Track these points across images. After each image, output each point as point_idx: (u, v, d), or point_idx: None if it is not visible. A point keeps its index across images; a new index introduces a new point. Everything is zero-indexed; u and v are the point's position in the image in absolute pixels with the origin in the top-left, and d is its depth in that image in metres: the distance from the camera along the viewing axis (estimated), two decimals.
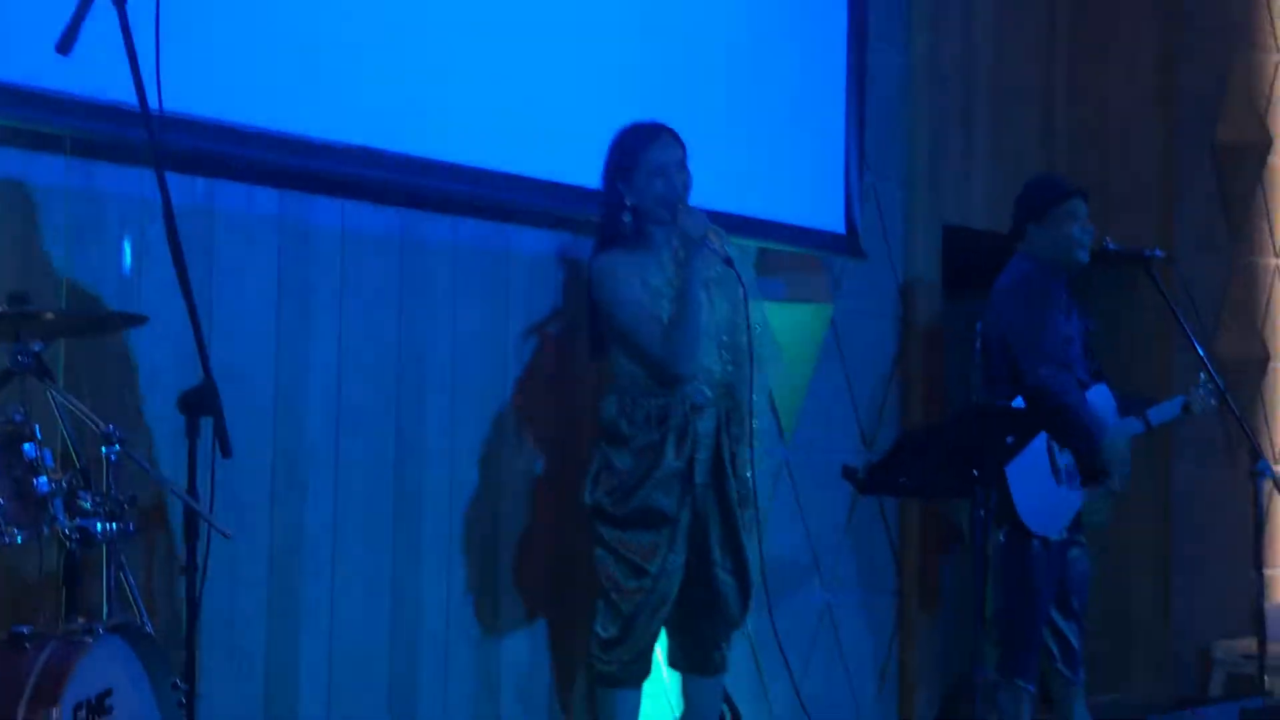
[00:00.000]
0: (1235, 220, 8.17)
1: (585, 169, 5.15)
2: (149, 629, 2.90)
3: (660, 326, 4.54)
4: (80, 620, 2.81)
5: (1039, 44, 7.25)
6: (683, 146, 4.68)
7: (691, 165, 4.77)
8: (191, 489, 3.35)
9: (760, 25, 5.87)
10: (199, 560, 3.37)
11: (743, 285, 4.53)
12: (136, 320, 3.55)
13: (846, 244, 6.08)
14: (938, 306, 6.65)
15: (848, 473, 4.42)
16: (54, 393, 3.10)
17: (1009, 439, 4.31)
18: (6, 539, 2.92)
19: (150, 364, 4.30)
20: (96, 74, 3.99)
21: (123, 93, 4.01)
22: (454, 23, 4.89)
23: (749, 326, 4.49)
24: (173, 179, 4.23)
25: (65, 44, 3.28)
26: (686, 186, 4.64)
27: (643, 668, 4.64)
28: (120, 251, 4.29)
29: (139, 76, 3.26)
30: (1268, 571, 7.20)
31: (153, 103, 3.31)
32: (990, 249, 6.54)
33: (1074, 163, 7.20)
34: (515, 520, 5.14)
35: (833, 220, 6.03)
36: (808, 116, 5.99)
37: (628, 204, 4.63)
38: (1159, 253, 5.41)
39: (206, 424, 3.43)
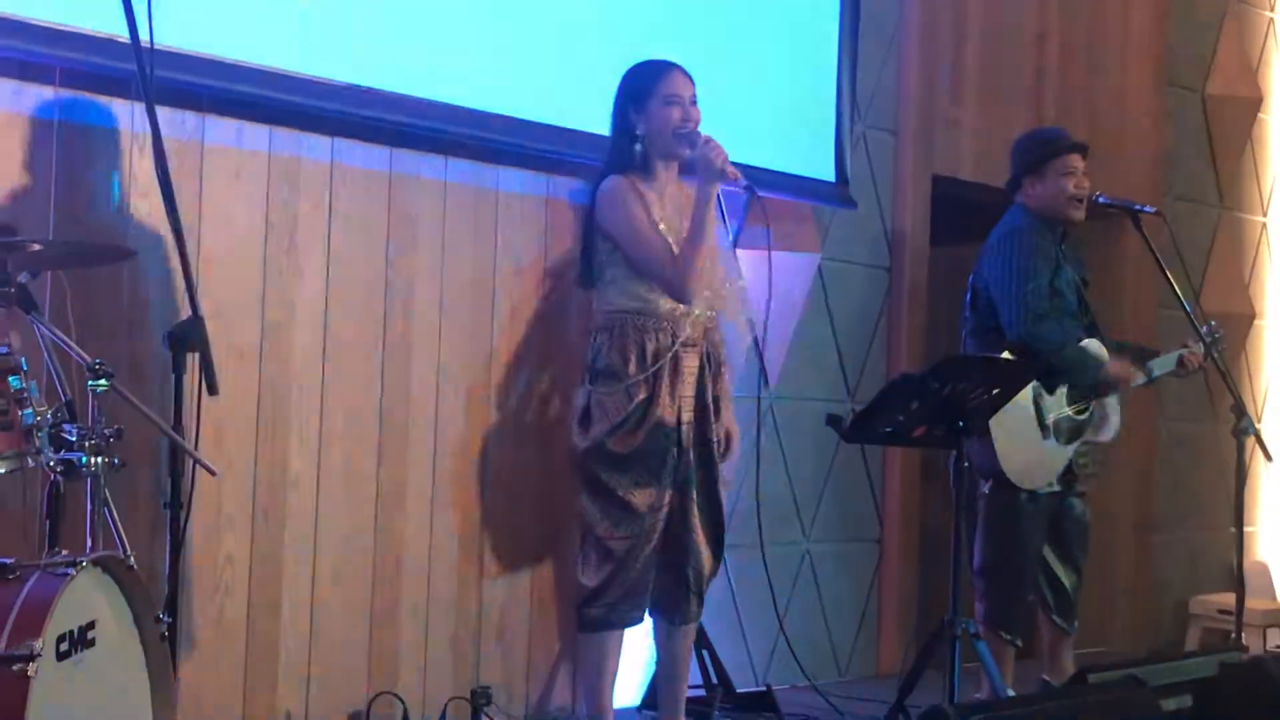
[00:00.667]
0: (1224, 176, 8.18)
1: (573, 111, 5.17)
2: (132, 563, 2.89)
3: (668, 245, 4.53)
4: (64, 553, 2.81)
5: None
6: (694, 84, 4.70)
7: None
8: (177, 425, 3.35)
9: None
10: (183, 496, 3.37)
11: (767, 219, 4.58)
12: (125, 254, 3.54)
13: (837, 193, 6.07)
14: (925, 257, 6.64)
15: (832, 420, 4.44)
16: (40, 325, 3.09)
17: (995, 390, 4.32)
18: None
19: (138, 298, 4.30)
20: (89, 6, 4.01)
21: (114, 25, 4.04)
22: None
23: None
24: (163, 114, 4.27)
25: None
26: (697, 122, 4.64)
27: (633, 610, 4.62)
28: (110, 185, 4.28)
29: (131, 9, 3.22)
30: (1247, 529, 7.23)
31: (144, 36, 3.27)
32: (978, 200, 6.56)
33: (1063, 115, 7.17)
34: (500, 460, 5.15)
35: (823, 168, 6.02)
36: (800, 63, 5.98)
37: (639, 133, 4.62)
38: (1149, 208, 5.41)
39: (193, 359, 3.43)
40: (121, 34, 4.00)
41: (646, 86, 4.65)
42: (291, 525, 4.67)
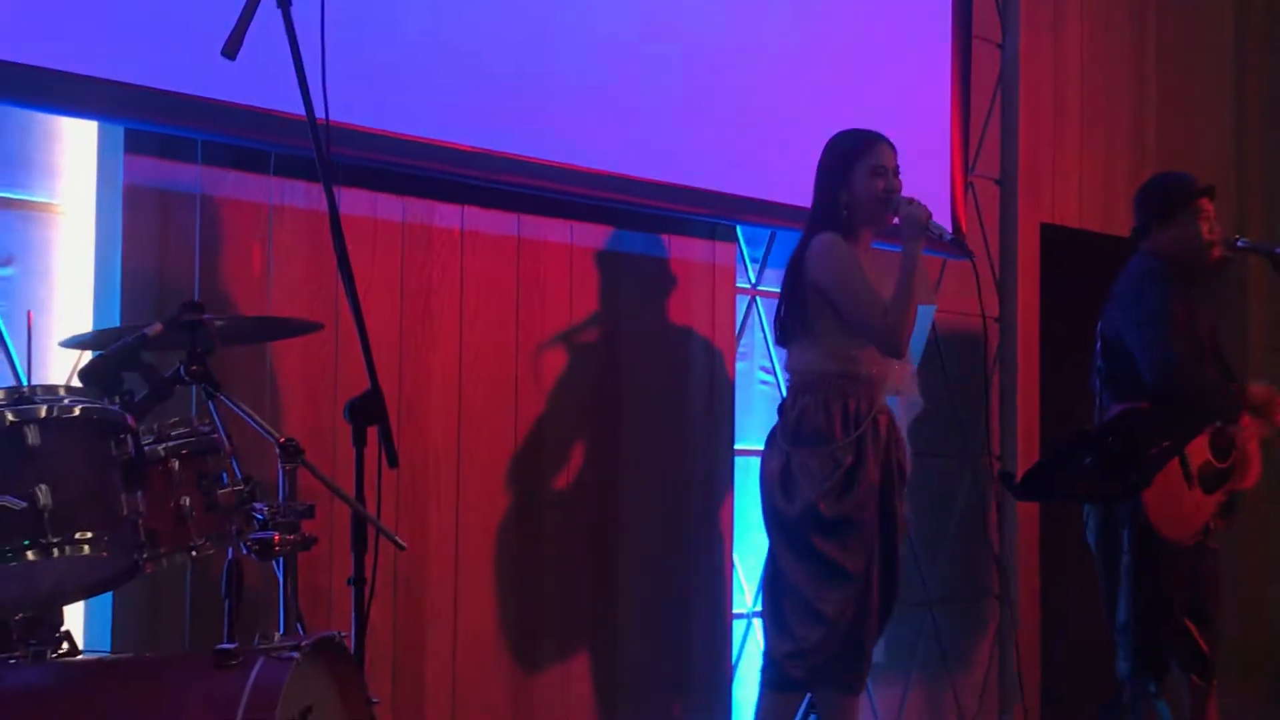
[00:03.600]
0: None
1: (689, 169, 5.15)
2: (346, 644, 2.84)
3: (882, 302, 4.51)
4: (278, 636, 2.76)
5: (1129, 38, 7.18)
6: (897, 155, 4.74)
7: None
8: (359, 499, 3.30)
9: (867, 23, 5.83)
10: (367, 572, 3.33)
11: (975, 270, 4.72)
12: (310, 327, 3.51)
13: (954, 244, 6.00)
14: (1035, 306, 6.58)
15: (1003, 478, 4.36)
16: (228, 403, 3.05)
17: (1164, 443, 4.25)
18: (196, 551, 2.88)
19: (278, 372, 4.27)
20: (233, 79, 3.98)
21: (251, 95, 4.03)
22: (566, 28, 4.85)
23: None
24: (301, 186, 4.27)
25: (231, 48, 3.21)
26: (899, 192, 4.69)
27: (828, 672, 4.53)
28: (249, 258, 4.26)
29: (305, 84, 3.19)
30: None
31: (319, 111, 3.24)
32: (1086, 247, 6.50)
33: (1166, 159, 7.13)
34: (634, 524, 5.10)
35: (938, 219, 5.95)
36: (911, 115, 5.93)
37: (842, 199, 4.62)
38: None
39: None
40: (254, 103, 4.02)
41: (852, 155, 4.65)
42: (431, 593, 4.62)
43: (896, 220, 4.66)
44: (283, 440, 3.01)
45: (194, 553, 2.89)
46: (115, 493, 2.73)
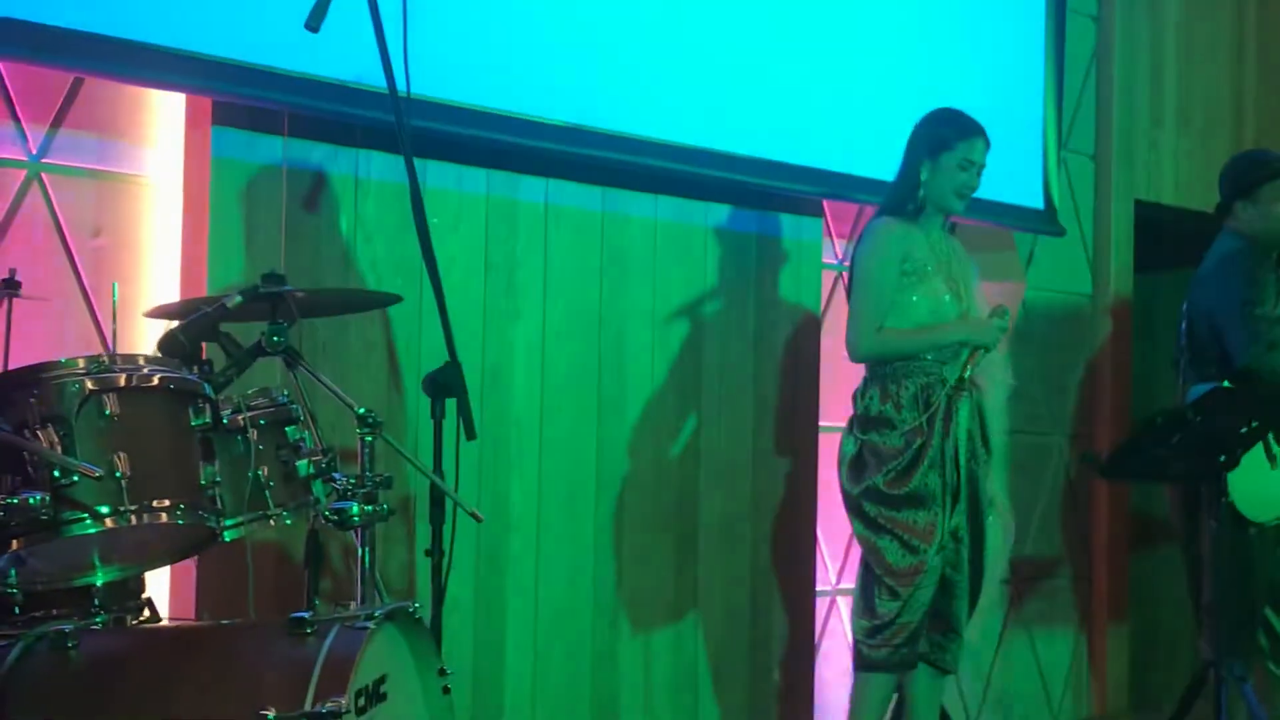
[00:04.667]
0: None
1: (778, 143, 5.11)
2: (420, 615, 2.85)
3: (883, 306, 4.48)
4: (353, 605, 2.78)
5: (1229, 9, 7.05)
6: (989, 149, 4.70)
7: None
8: (438, 471, 3.31)
9: None
10: (445, 544, 3.34)
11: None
12: (390, 299, 3.52)
13: (1045, 220, 5.95)
14: (1129, 283, 6.48)
15: (1088, 457, 4.31)
16: (309, 373, 3.06)
17: (1252, 423, 4.18)
18: (276, 520, 2.90)
19: (363, 344, 4.29)
20: (310, 51, 4.00)
21: (336, 69, 4.05)
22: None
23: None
24: (383, 159, 4.29)
25: (314, 20, 3.23)
26: (974, 190, 4.68)
27: (912, 653, 4.53)
28: (336, 231, 4.28)
29: (387, 57, 3.20)
30: None
31: (401, 85, 3.25)
32: (1180, 225, 6.40)
33: (1264, 134, 6.99)
34: (716, 497, 5.09)
35: (1030, 196, 5.90)
36: (1005, 88, 5.86)
37: (923, 179, 4.58)
38: None
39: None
40: (337, 77, 4.04)
41: (948, 141, 4.61)
42: (513, 567, 4.63)
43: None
44: (361, 411, 3.02)
45: (272, 521, 2.91)
46: (193, 461, 2.76)
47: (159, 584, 3.79)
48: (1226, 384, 4.44)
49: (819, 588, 5.43)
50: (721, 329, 5.16)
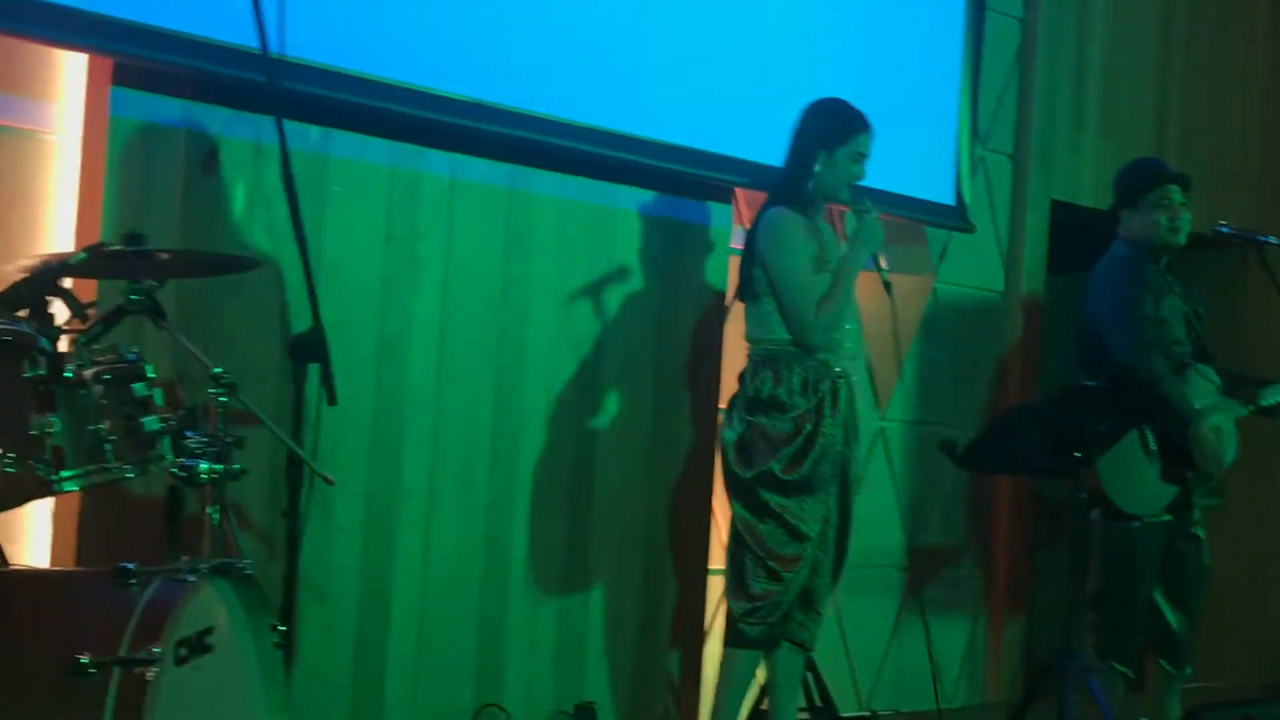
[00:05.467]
0: None
1: (691, 129, 5.19)
2: (250, 570, 2.93)
3: (814, 295, 4.57)
4: (184, 559, 2.86)
5: (1155, 19, 7.13)
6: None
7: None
8: (296, 434, 3.39)
9: None
10: (300, 505, 3.41)
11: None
12: (251, 263, 3.59)
13: (955, 216, 6.04)
14: (1041, 282, 6.58)
15: (945, 447, 4.41)
16: (168, 332, 3.14)
17: (1106, 425, 4.27)
18: (116, 474, 2.97)
19: (257, 308, 4.36)
20: (219, 15, 4.07)
21: (244, 36, 4.10)
22: None
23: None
24: (288, 126, 4.32)
25: None
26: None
27: (783, 630, 4.63)
28: (234, 195, 4.35)
29: (261, 19, 3.27)
30: None
31: (273, 45, 3.32)
32: (1097, 227, 6.48)
33: (1186, 141, 7.10)
34: (610, 474, 5.17)
35: (942, 191, 5.99)
36: (921, 84, 5.95)
37: (815, 170, 4.65)
38: (1274, 239, 5.31)
39: (313, 370, 3.47)
40: (251, 44, 4.10)
41: (842, 135, 4.68)
42: (403, 535, 4.71)
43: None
44: (215, 371, 3.10)
45: (113, 476, 2.97)
46: (24, 413, 2.82)
47: (18, 532, 3.84)
48: (1091, 383, 4.55)
49: (712, 566, 5.52)
50: (626, 310, 5.24)
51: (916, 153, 5.92)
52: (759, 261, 4.63)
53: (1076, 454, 4.27)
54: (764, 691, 4.89)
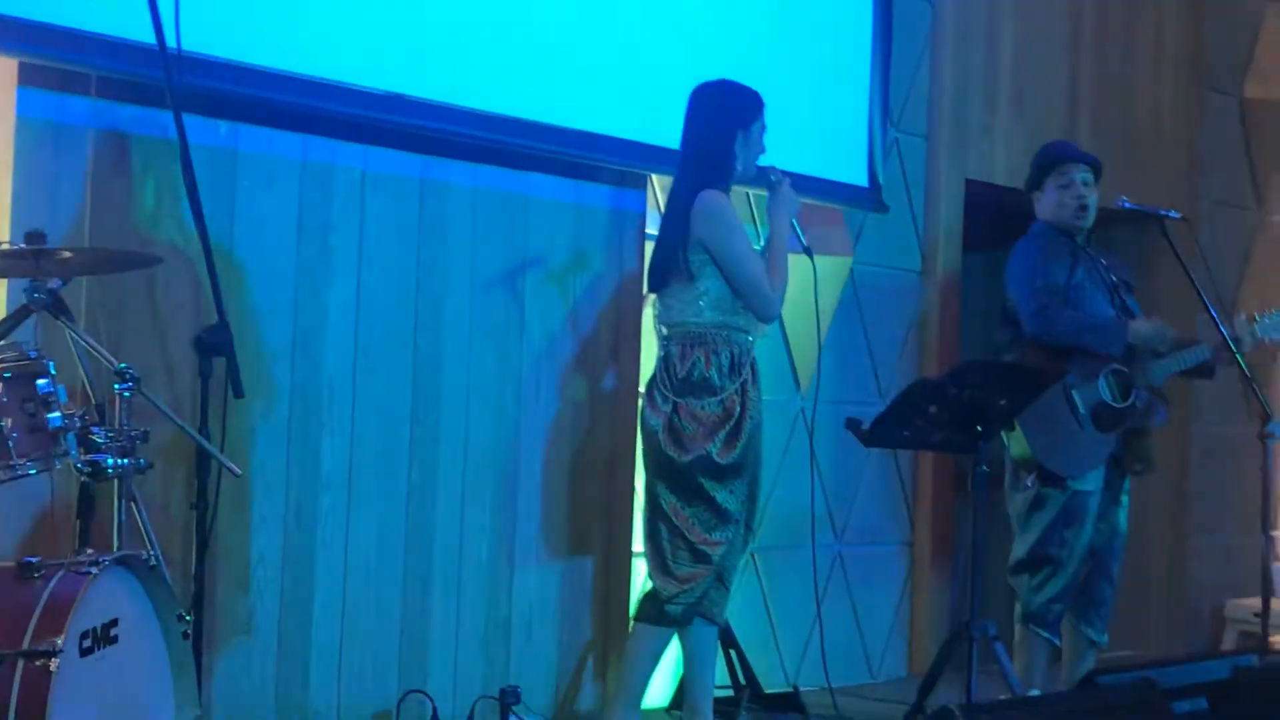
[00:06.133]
0: (1262, 180, 8.16)
1: (601, 117, 5.24)
2: (155, 562, 2.97)
3: (763, 270, 4.67)
4: (89, 552, 2.89)
5: (1067, 2, 7.23)
6: None
7: None
8: (205, 427, 3.43)
9: None
10: (209, 496, 3.45)
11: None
12: (151, 260, 3.62)
13: (869, 197, 6.11)
14: (957, 262, 6.67)
15: (851, 425, 4.48)
16: (71, 330, 3.17)
17: (1003, 400, 4.35)
18: (18, 471, 3.00)
19: (171, 303, 4.38)
20: (125, 13, 4.08)
21: (150, 33, 4.12)
22: None
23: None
24: (196, 121, 4.35)
25: None
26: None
27: (702, 608, 4.67)
28: (144, 191, 4.37)
29: (157, 15, 3.30)
30: (1276, 533, 7.23)
31: (171, 42, 3.35)
32: (1013, 205, 6.57)
33: (1099, 118, 7.20)
34: (530, 460, 5.22)
35: (855, 173, 6.06)
36: (832, 67, 6.02)
37: (736, 150, 4.75)
38: (1174, 214, 5.43)
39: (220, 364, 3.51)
40: (147, 41, 4.11)
41: (753, 114, 4.78)
42: (323, 525, 4.75)
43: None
44: (118, 367, 3.13)
45: (16, 472, 3.01)
46: None
47: None
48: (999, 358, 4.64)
49: (635, 549, 5.58)
50: (543, 296, 5.29)
51: (830, 135, 5.99)
52: (695, 245, 4.66)
53: (977, 428, 4.36)
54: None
